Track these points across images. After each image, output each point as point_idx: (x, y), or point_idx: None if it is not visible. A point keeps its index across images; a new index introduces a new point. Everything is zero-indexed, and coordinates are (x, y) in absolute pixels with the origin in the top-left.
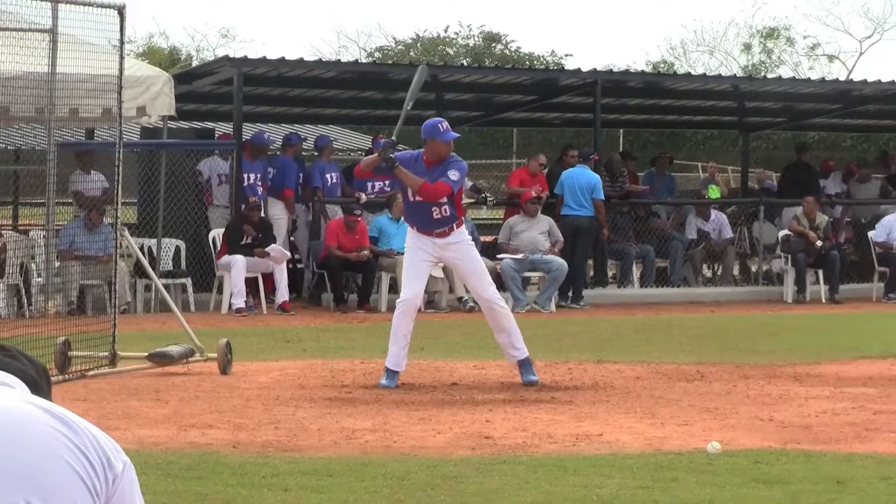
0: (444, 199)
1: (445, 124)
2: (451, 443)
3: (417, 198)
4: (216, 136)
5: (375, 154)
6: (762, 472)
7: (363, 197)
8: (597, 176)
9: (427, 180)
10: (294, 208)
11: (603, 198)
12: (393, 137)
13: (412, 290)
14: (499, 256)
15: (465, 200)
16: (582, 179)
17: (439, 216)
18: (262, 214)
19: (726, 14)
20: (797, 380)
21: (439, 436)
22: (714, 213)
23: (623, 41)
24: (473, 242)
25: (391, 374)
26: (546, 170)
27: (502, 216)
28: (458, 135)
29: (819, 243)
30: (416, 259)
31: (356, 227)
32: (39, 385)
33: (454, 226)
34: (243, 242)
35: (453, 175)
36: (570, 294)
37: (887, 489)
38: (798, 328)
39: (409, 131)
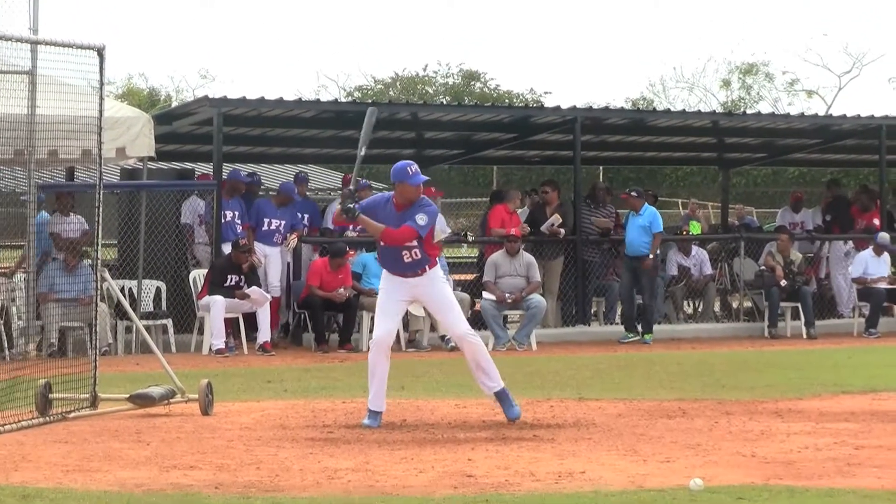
0: (415, 243)
1: (414, 167)
2: (434, 481)
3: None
4: (196, 176)
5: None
6: None
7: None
8: (653, 209)
9: (392, 226)
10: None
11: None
12: (350, 187)
13: (383, 328)
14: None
15: (438, 238)
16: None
17: (410, 259)
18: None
19: (705, 50)
20: (779, 415)
21: (421, 475)
22: (695, 250)
23: (602, 78)
24: (446, 280)
25: (373, 414)
26: (528, 210)
27: (482, 253)
28: (426, 178)
29: (784, 282)
30: (389, 299)
31: (340, 266)
32: None
33: (426, 267)
34: (227, 284)
35: (421, 220)
36: (640, 328)
37: None
38: (779, 364)
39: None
